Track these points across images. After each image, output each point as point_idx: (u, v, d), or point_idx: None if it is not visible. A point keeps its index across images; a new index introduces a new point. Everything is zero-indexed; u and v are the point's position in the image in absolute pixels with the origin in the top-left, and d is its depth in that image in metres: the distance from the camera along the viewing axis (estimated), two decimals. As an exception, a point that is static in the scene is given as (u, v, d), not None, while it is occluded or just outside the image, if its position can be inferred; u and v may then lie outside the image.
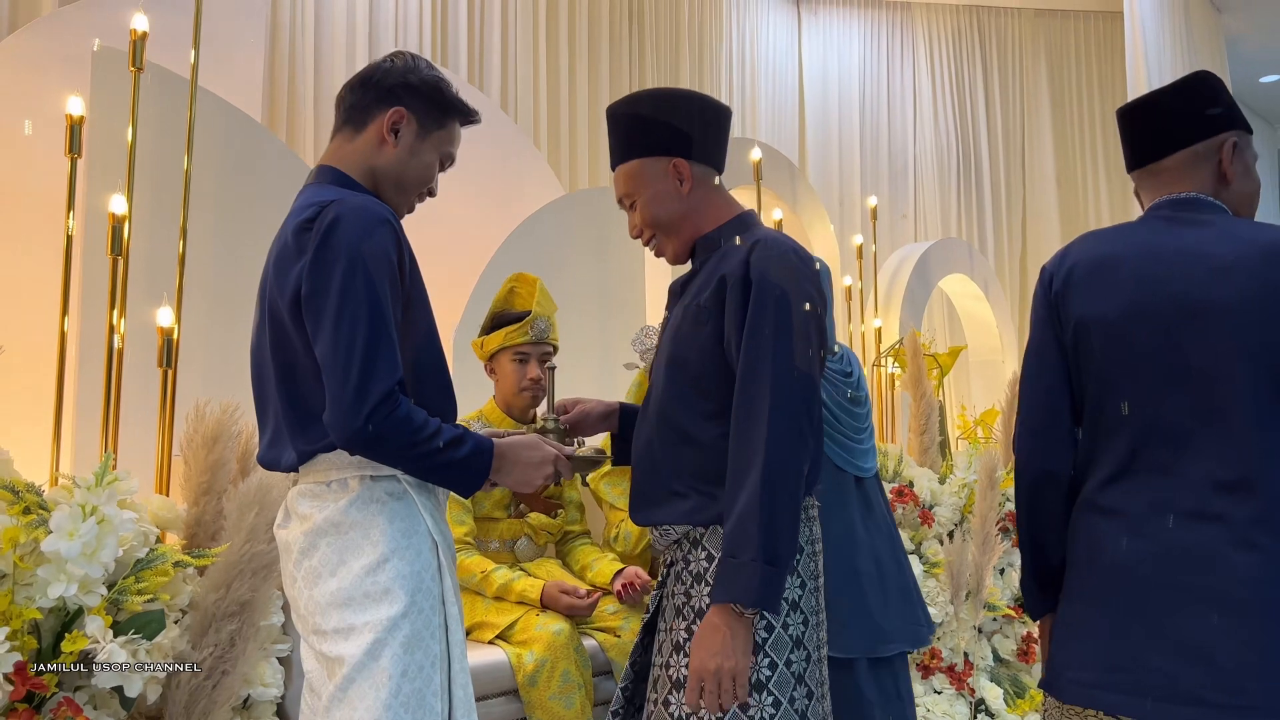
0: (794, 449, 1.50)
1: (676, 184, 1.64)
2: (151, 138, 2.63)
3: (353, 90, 1.59)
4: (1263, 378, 1.43)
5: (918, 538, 3.55)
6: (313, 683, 1.51)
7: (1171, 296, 1.48)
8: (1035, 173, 7.65)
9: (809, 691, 1.58)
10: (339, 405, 1.39)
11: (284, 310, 1.47)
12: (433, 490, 1.54)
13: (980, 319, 5.96)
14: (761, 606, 1.47)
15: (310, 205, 1.48)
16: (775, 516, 1.48)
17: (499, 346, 2.62)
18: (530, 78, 5.01)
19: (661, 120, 1.66)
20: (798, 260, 1.58)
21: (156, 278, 2.50)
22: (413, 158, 1.60)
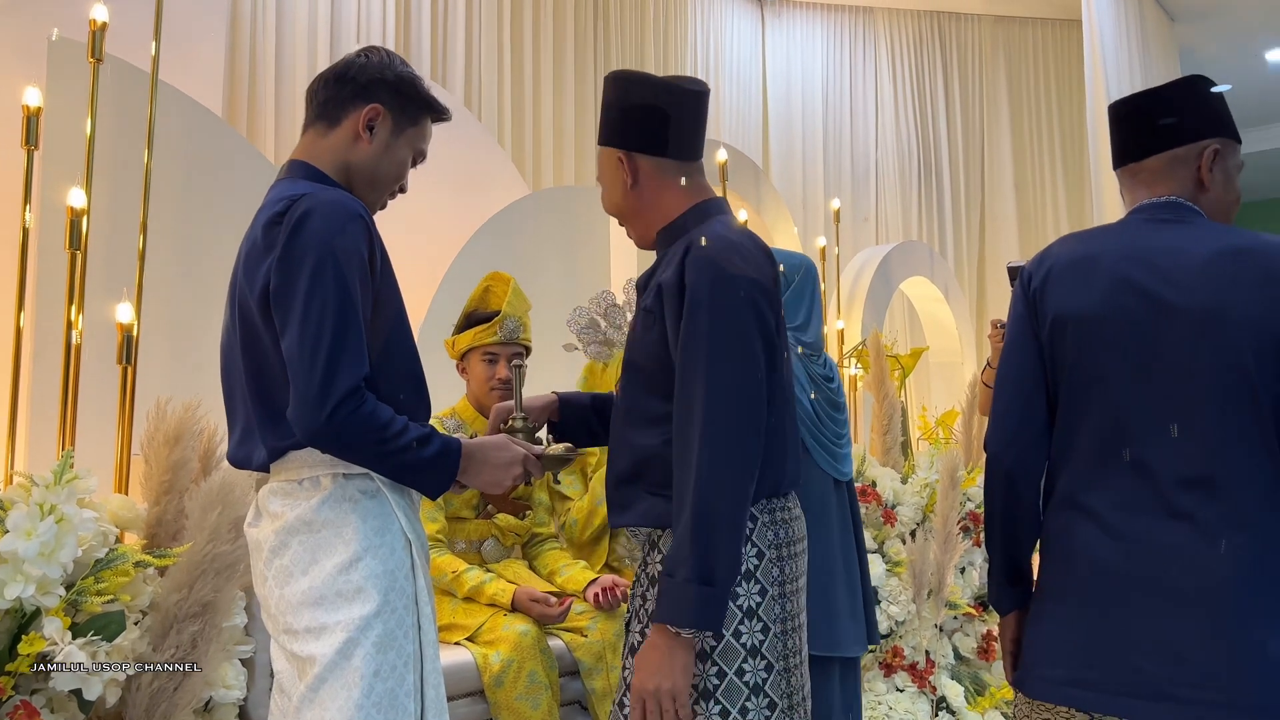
0: (730, 467, 1.46)
1: (625, 178, 1.61)
2: (110, 131, 2.58)
3: (327, 85, 1.57)
4: (1229, 377, 1.44)
5: (880, 537, 3.57)
6: (282, 683, 1.49)
7: (1144, 295, 1.50)
8: (994, 177, 7.75)
9: (770, 702, 1.53)
10: (302, 401, 1.37)
11: (253, 306, 1.45)
12: (406, 489, 1.53)
13: (940, 321, 6.02)
14: (696, 627, 1.44)
15: (281, 200, 1.46)
16: (710, 537, 1.44)
17: (469, 346, 2.60)
18: (495, 75, 4.99)
19: (620, 107, 1.62)
20: (733, 255, 1.51)
21: (116, 273, 2.46)
22: (387, 154, 1.60)
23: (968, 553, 3.84)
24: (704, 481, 1.45)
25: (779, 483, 1.59)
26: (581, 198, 4.07)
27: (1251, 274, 1.46)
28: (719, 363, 1.47)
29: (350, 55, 1.60)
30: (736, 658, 1.51)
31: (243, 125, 3.98)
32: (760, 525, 1.56)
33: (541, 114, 5.20)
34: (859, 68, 7.07)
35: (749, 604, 1.53)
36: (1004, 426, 1.63)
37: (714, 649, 1.51)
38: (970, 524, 3.86)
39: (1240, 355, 1.44)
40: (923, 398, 6.26)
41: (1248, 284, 1.45)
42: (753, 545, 1.55)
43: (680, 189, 1.62)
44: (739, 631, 1.52)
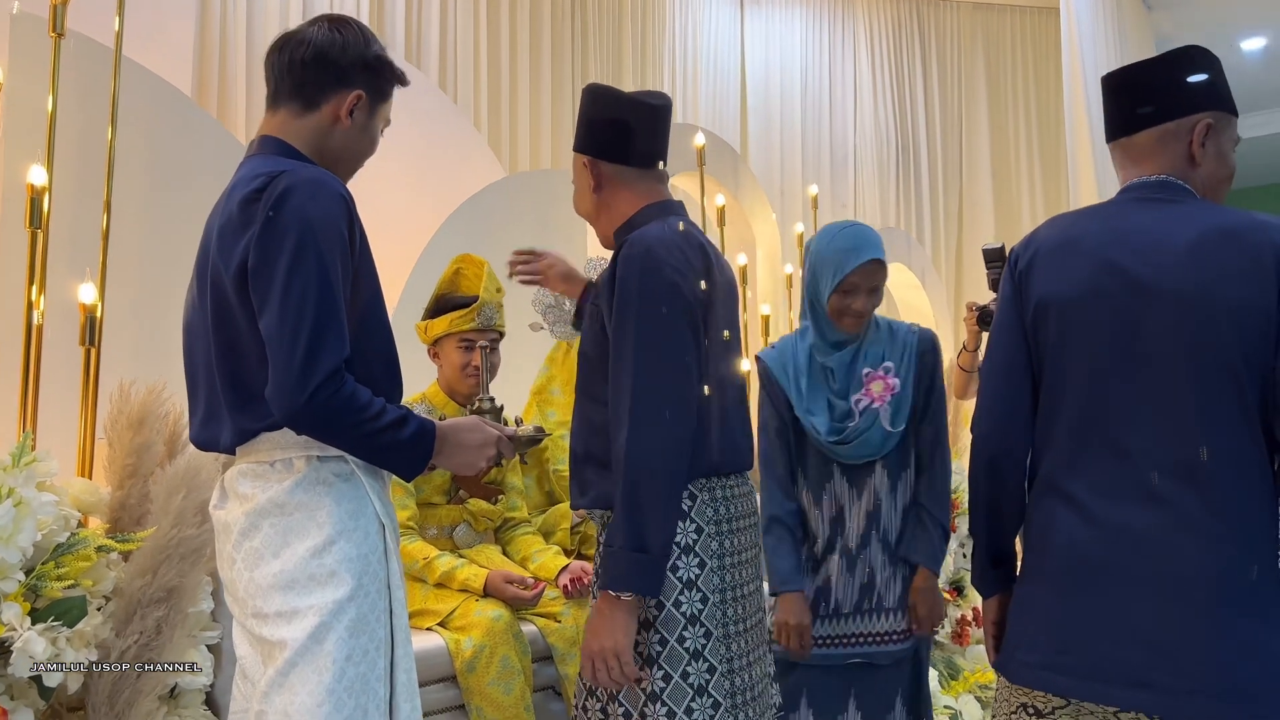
0: (656, 442, 1.58)
1: (588, 181, 1.77)
2: (74, 108, 2.53)
3: (305, 67, 1.52)
4: (1212, 362, 1.42)
5: (856, 522, 3.58)
6: (245, 669, 1.46)
7: (1127, 277, 1.48)
8: (972, 164, 7.76)
9: (710, 666, 1.65)
10: (283, 381, 1.35)
11: (228, 284, 1.42)
12: (379, 472, 1.51)
13: (917, 308, 6.03)
14: (634, 591, 1.58)
15: (259, 175, 1.43)
16: (640, 508, 1.57)
17: (444, 332, 2.57)
18: (470, 56, 4.93)
19: (588, 118, 1.78)
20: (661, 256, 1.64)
21: (80, 253, 2.41)
22: (364, 134, 1.60)
23: (942, 538, 3.85)
24: (633, 457, 1.58)
25: (718, 464, 1.70)
26: (557, 181, 4.03)
27: (1238, 256, 1.43)
28: (644, 349, 1.61)
29: (319, 31, 1.54)
30: (677, 626, 1.65)
31: (213, 104, 3.91)
32: (700, 503, 1.69)
33: (518, 97, 5.15)
34: (838, 54, 7.05)
35: (688, 575, 1.66)
36: (990, 411, 1.63)
37: (656, 618, 1.64)
38: (946, 509, 3.86)
39: (1224, 340, 1.42)
40: (899, 384, 6.27)
41: (1234, 267, 1.43)
42: (692, 521, 1.67)
43: (636, 194, 1.76)
44: (679, 601, 1.65)
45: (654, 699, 1.63)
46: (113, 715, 1.76)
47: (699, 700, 1.63)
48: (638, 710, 1.64)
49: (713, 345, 1.71)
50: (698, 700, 1.63)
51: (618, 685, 1.61)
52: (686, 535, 1.66)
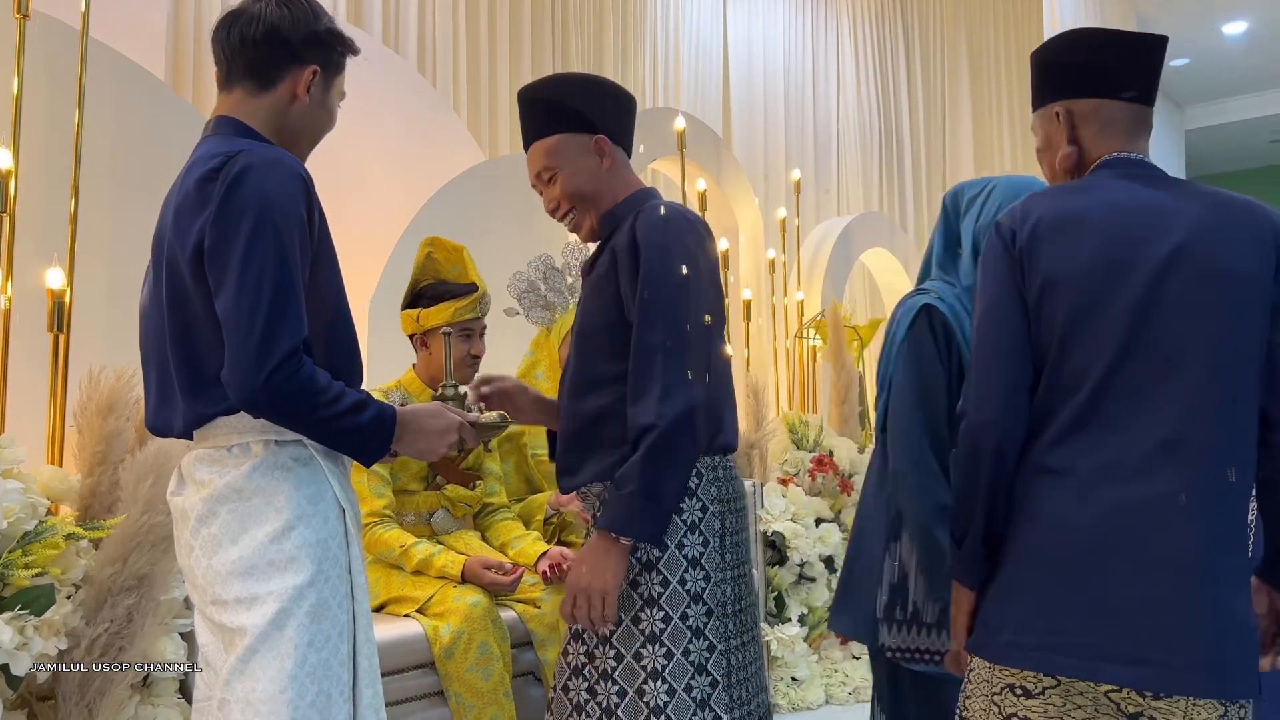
0: (690, 391, 1.58)
1: (598, 160, 1.73)
2: (42, 91, 2.49)
3: (257, 46, 1.50)
4: (1223, 338, 1.42)
5: (837, 506, 3.58)
6: (208, 656, 1.45)
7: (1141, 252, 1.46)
8: (955, 149, 7.77)
9: (710, 644, 1.65)
10: (239, 363, 1.33)
11: (184, 264, 1.40)
12: (339, 457, 1.49)
13: (900, 292, 6.02)
14: (633, 536, 1.58)
15: (215, 155, 1.41)
16: (666, 459, 1.57)
17: (445, 322, 2.52)
18: (449, 39, 4.88)
19: (581, 100, 1.74)
20: (681, 221, 1.66)
21: (50, 239, 2.37)
22: (322, 109, 1.58)
23: (924, 521, 3.86)
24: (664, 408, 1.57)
25: (726, 444, 1.72)
26: (537, 165, 4.00)
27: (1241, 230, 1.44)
28: (678, 311, 1.61)
29: (267, 8, 1.51)
30: (681, 603, 1.64)
31: (188, 88, 3.86)
32: (705, 481, 1.69)
33: (497, 80, 5.11)
34: (821, 38, 7.03)
35: (693, 553, 1.66)
36: (996, 394, 1.53)
37: (661, 595, 1.64)
38: (926, 493, 3.87)
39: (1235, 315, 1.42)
40: (882, 369, 6.28)
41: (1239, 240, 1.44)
42: (698, 499, 1.67)
43: (631, 177, 1.79)
44: (684, 579, 1.65)
45: (655, 676, 1.61)
46: (83, 705, 1.74)
47: (699, 678, 1.63)
48: (635, 688, 1.62)
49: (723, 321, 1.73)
50: (698, 678, 1.63)
51: (593, 624, 1.61)
52: (692, 513, 1.67)
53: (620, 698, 1.63)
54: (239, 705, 1.36)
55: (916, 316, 1.85)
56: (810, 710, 3.26)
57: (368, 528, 2.47)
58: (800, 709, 3.25)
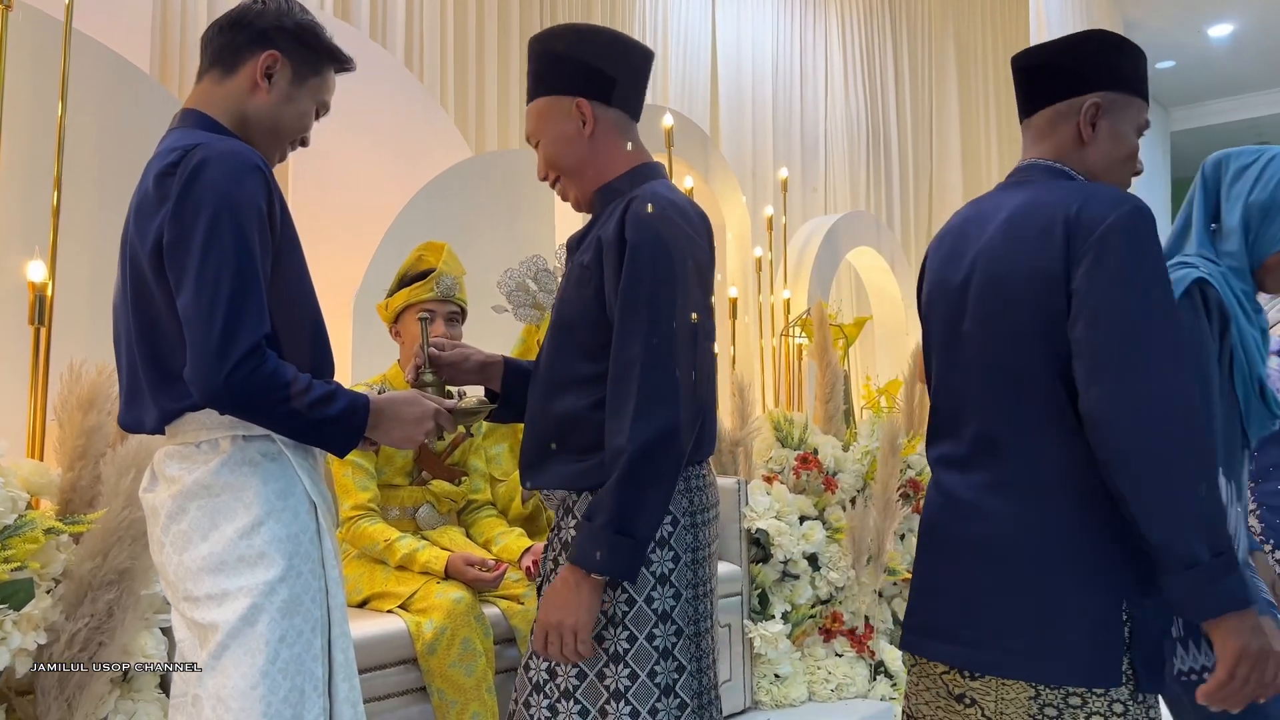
0: (668, 424, 1.45)
1: (579, 125, 1.58)
2: (26, 83, 2.47)
3: (222, 31, 1.51)
4: (1015, 336, 1.47)
5: (821, 504, 3.59)
6: (184, 652, 1.45)
7: (959, 264, 1.57)
8: (942, 148, 7.79)
9: (679, 665, 1.55)
10: (200, 360, 1.32)
11: (145, 262, 1.39)
12: (309, 450, 1.48)
13: (886, 292, 6.05)
14: (605, 573, 1.47)
15: (174, 150, 1.40)
16: (641, 489, 1.45)
17: (403, 304, 2.54)
18: (437, 35, 4.87)
19: (571, 57, 1.59)
20: (675, 215, 1.51)
21: (32, 231, 2.36)
22: (288, 104, 1.54)
23: (907, 519, 3.88)
24: (643, 435, 1.44)
25: (704, 453, 1.61)
26: (525, 161, 4.00)
27: (1033, 228, 1.46)
28: (662, 320, 1.47)
29: (245, 2, 1.53)
30: (648, 623, 1.54)
31: (175, 81, 3.84)
32: (676, 493, 1.57)
33: (485, 76, 5.09)
34: (809, 38, 7.04)
35: (662, 570, 1.55)
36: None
37: (626, 614, 1.53)
38: (910, 491, 3.89)
39: (1024, 313, 1.46)
40: (867, 367, 6.30)
41: (1029, 238, 1.46)
42: (668, 513, 1.55)
43: (625, 148, 1.61)
44: (651, 597, 1.54)
45: (618, 697, 1.52)
46: (63, 700, 1.74)
47: (664, 700, 1.53)
48: (597, 708, 1.54)
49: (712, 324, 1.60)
50: (663, 700, 1.53)
51: (568, 659, 1.51)
52: (663, 528, 1.55)
53: (582, 717, 1.55)
54: (211, 701, 1.36)
55: (1188, 291, 1.59)
56: (793, 707, 3.27)
57: (352, 521, 2.46)
58: (784, 705, 3.26)
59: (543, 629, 1.52)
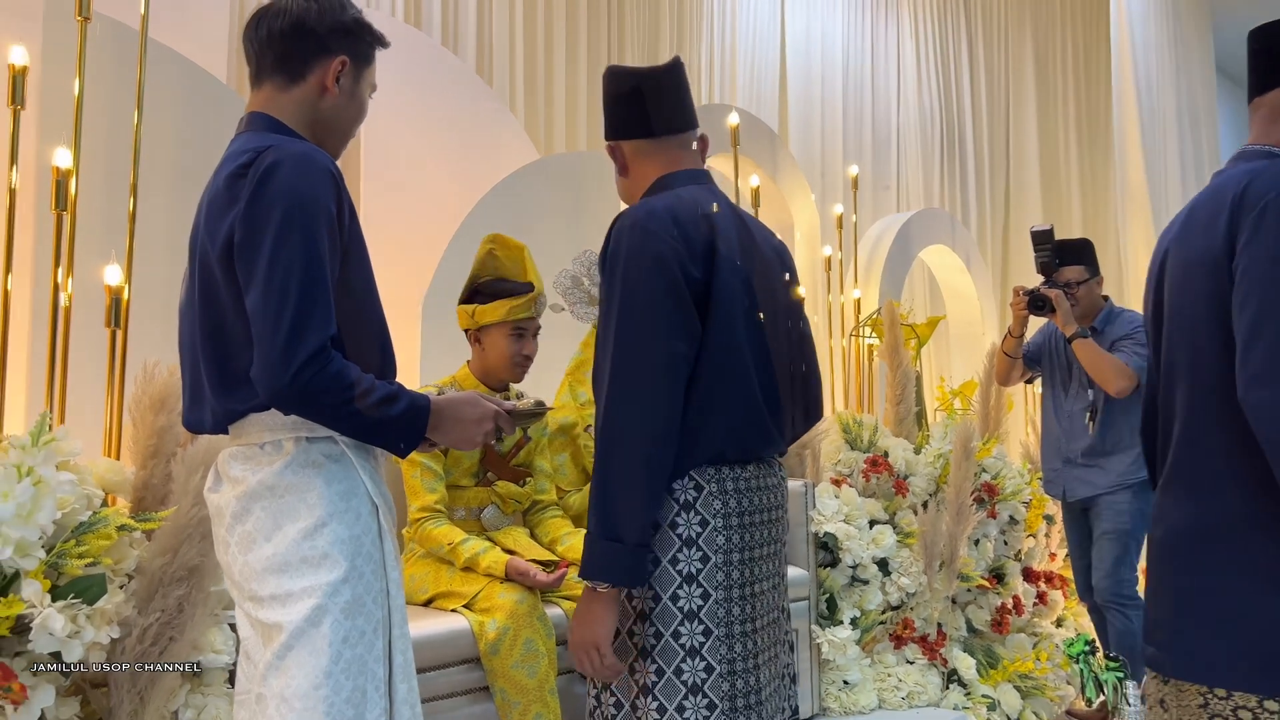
0: (628, 427, 1.51)
1: (616, 169, 1.78)
2: (107, 93, 2.55)
3: (284, 38, 1.51)
4: (1190, 334, 1.47)
5: (892, 508, 3.52)
6: (248, 650, 1.46)
7: (1155, 258, 1.58)
8: (1019, 146, 7.60)
9: (707, 665, 1.58)
10: (267, 359, 1.33)
11: (214, 262, 1.41)
12: (371, 452, 1.49)
13: (961, 291, 5.92)
14: (607, 581, 1.54)
15: (245, 151, 1.42)
16: (612, 494, 1.52)
17: (498, 320, 2.53)
18: (506, 40, 4.91)
19: (608, 104, 1.76)
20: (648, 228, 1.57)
21: (113, 236, 2.43)
22: (352, 101, 1.58)
23: (982, 524, 3.78)
24: (605, 439, 1.53)
25: (725, 451, 1.62)
26: (590, 163, 4.00)
27: (1206, 220, 1.42)
28: (624, 325, 1.55)
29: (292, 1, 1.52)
30: (673, 620, 1.58)
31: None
32: (706, 494, 1.61)
33: (554, 79, 5.12)
34: (880, 31, 6.92)
35: (689, 569, 1.59)
36: None
37: (652, 610, 1.59)
38: (984, 495, 3.79)
39: (1199, 310, 1.44)
40: (941, 368, 6.17)
41: (1201, 232, 1.43)
42: (696, 513, 1.60)
43: (657, 165, 1.72)
44: (676, 595, 1.59)
45: (646, 692, 1.58)
46: (135, 693, 1.78)
47: (692, 699, 1.56)
48: (630, 701, 1.61)
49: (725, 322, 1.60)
50: (690, 699, 1.56)
51: (603, 676, 1.58)
52: (690, 528, 1.59)
53: (617, 710, 1.63)
54: (275, 701, 1.38)
55: None
56: (862, 714, 3.21)
57: (419, 522, 2.49)
58: (852, 713, 3.20)
59: (573, 650, 1.62)
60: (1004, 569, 3.92)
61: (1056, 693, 3.72)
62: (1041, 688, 3.68)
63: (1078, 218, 7.57)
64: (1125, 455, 3.46)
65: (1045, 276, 3.52)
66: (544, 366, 2.86)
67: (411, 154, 4.06)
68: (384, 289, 3.55)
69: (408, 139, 4.08)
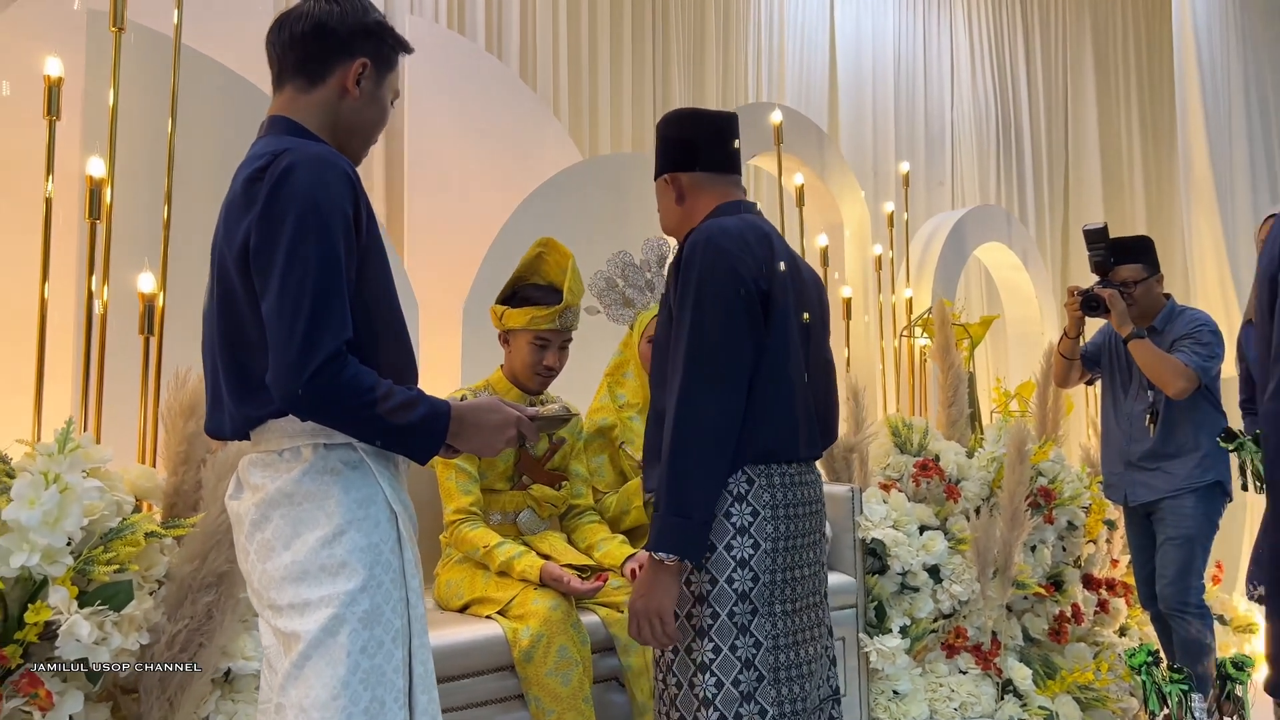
0: (700, 414, 1.66)
1: (673, 197, 1.91)
2: (141, 100, 2.57)
3: (306, 40, 1.50)
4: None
5: (943, 513, 3.42)
6: (270, 658, 1.45)
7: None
8: (1079, 139, 7.39)
9: (756, 641, 1.74)
10: (282, 364, 1.31)
11: (232, 267, 1.40)
12: (391, 459, 1.47)
13: (1019, 289, 5.76)
14: (673, 553, 1.67)
15: (262, 155, 1.41)
16: (682, 473, 1.66)
17: (520, 327, 2.52)
18: (550, 44, 4.90)
19: (661, 143, 1.92)
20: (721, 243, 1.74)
21: (150, 244, 2.45)
22: (374, 103, 1.56)
23: (1038, 530, 3.66)
24: (679, 424, 1.66)
25: (774, 450, 1.78)
26: (633, 164, 3.97)
27: None
28: (699, 326, 1.69)
29: (316, 4, 1.51)
30: (728, 601, 1.74)
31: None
32: (757, 488, 1.77)
33: (598, 79, 5.10)
34: (933, 24, 6.79)
35: (742, 555, 1.75)
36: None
37: (709, 593, 1.74)
38: (1041, 500, 3.67)
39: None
40: (999, 368, 6.02)
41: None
42: (748, 504, 1.76)
43: (712, 196, 1.89)
44: (731, 579, 1.74)
45: (703, 669, 1.73)
46: (164, 699, 1.78)
47: (745, 673, 1.72)
48: (688, 679, 1.75)
49: (779, 334, 1.78)
50: (745, 673, 1.72)
51: (660, 643, 1.72)
52: (742, 517, 1.76)
53: (678, 689, 1.77)
54: (294, 710, 1.36)
55: None
56: (913, 725, 3.12)
57: (454, 525, 2.47)
58: (903, 724, 3.12)
59: (631, 616, 1.75)
60: (1062, 576, 3.79)
61: (1119, 705, 3.59)
62: (1103, 699, 3.55)
63: (1141, 213, 7.34)
64: (1189, 458, 3.32)
65: (1100, 276, 3.41)
66: (580, 368, 2.83)
67: (455, 158, 4.07)
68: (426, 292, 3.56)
69: (451, 143, 4.09)
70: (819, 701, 1.86)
